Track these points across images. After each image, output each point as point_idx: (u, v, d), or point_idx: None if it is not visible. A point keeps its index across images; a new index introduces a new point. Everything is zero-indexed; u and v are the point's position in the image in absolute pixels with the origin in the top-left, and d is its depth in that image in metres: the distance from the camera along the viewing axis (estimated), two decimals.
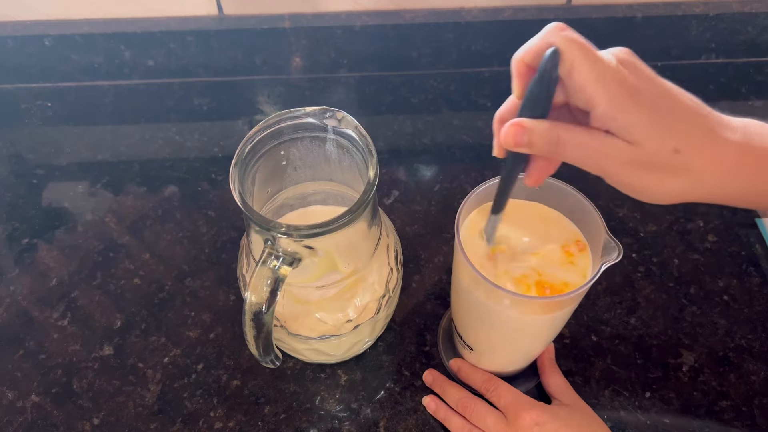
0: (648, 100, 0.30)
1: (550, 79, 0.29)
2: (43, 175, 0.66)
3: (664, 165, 0.31)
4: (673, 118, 0.30)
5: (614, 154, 0.30)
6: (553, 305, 0.39)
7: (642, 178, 0.31)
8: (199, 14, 0.72)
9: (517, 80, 0.32)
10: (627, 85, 0.30)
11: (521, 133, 0.30)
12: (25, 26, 0.71)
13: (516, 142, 0.31)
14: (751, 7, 0.72)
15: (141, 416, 0.50)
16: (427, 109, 0.72)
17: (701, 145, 0.31)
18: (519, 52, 0.31)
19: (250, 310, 0.37)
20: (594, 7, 0.72)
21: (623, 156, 0.30)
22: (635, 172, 0.31)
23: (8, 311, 0.56)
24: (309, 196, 0.48)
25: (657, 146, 0.30)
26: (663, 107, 0.30)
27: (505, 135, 0.31)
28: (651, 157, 0.30)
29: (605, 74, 0.29)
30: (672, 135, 0.30)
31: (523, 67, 0.31)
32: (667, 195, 0.32)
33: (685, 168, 0.31)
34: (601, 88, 0.29)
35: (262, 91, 0.74)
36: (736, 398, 0.50)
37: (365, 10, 0.72)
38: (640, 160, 0.30)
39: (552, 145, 0.30)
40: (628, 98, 0.29)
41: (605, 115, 0.29)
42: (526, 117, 0.31)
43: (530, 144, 0.30)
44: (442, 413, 0.48)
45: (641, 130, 0.29)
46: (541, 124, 0.30)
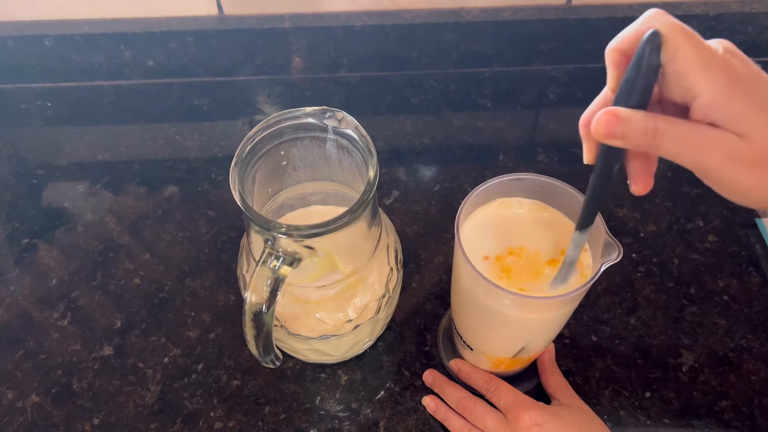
0: (758, 91, 0.27)
1: (649, 63, 0.27)
2: (43, 175, 0.66)
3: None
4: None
5: (720, 147, 0.27)
6: (553, 305, 0.39)
7: (748, 176, 0.28)
8: (199, 14, 0.72)
9: (612, 70, 0.29)
10: (735, 73, 0.27)
11: (615, 123, 0.27)
12: (25, 26, 0.71)
13: (608, 132, 0.28)
14: (751, 7, 0.72)
15: (141, 416, 0.50)
16: (427, 109, 0.72)
17: None
18: (614, 40, 0.29)
19: (250, 310, 0.37)
20: (594, 7, 0.72)
21: (730, 150, 0.27)
22: (741, 168, 0.28)
23: (8, 311, 0.56)
24: (309, 196, 0.48)
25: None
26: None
27: (597, 123, 0.28)
28: (761, 152, 0.27)
29: (712, 61, 0.27)
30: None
31: (619, 55, 0.29)
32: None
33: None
34: (707, 74, 0.27)
35: (262, 91, 0.74)
36: (736, 398, 0.50)
37: (365, 10, 0.72)
38: (748, 156, 0.27)
39: (649, 136, 0.27)
40: (735, 87, 0.27)
41: (711, 103, 0.27)
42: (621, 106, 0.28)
43: (624, 135, 0.28)
44: (441, 413, 0.48)
45: (752, 121, 0.27)
46: (637, 113, 0.27)
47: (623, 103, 0.28)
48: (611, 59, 0.29)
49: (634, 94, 0.27)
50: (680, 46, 0.27)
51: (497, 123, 0.70)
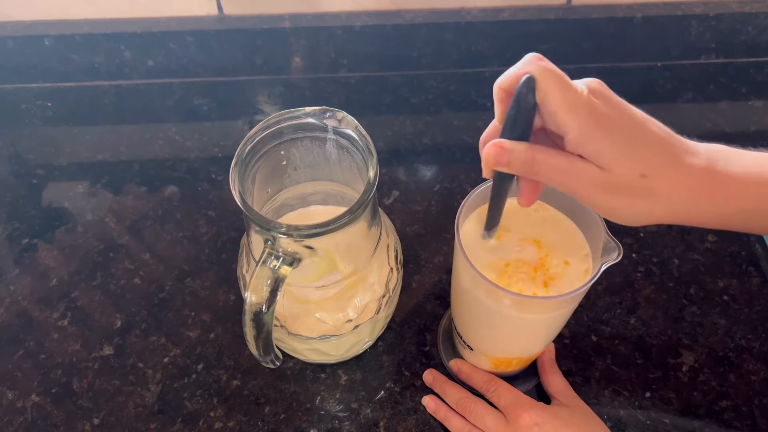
0: (616, 128, 0.32)
1: (526, 103, 0.31)
2: (43, 175, 0.66)
3: (632, 189, 0.32)
4: (640, 144, 0.32)
5: (585, 177, 0.32)
6: (553, 305, 0.39)
7: (612, 200, 0.33)
8: (199, 14, 0.72)
9: (498, 105, 0.34)
10: (597, 113, 0.31)
11: (500, 153, 0.32)
12: (25, 26, 0.71)
13: (496, 162, 0.32)
14: (751, 7, 0.72)
15: (141, 416, 0.50)
16: (427, 109, 0.72)
17: (666, 170, 0.33)
18: (498, 80, 0.33)
19: (250, 310, 0.37)
20: (594, 7, 0.72)
21: (594, 179, 0.32)
22: (606, 195, 0.32)
23: (8, 311, 0.56)
24: (309, 196, 0.48)
25: (625, 171, 0.32)
26: (631, 134, 0.32)
27: (486, 154, 0.33)
28: (619, 181, 0.32)
29: (577, 102, 0.31)
30: (639, 161, 0.32)
31: (503, 93, 0.33)
32: (637, 217, 0.34)
33: (651, 191, 0.33)
34: (573, 115, 0.31)
35: (262, 91, 0.74)
36: (736, 398, 0.50)
37: (365, 10, 0.72)
38: (609, 184, 0.32)
39: (528, 165, 0.32)
40: (597, 126, 0.31)
41: (576, 141, 0.31)
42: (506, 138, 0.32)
43: (509, 164, 0.32)
44: (441, 413, 0.48)
45: (610, 155, 0.31)
46: (519, 145, 0.32)
47: (508, 135, 0.32)
48: (497, 96, 0.33)
49: (516, 129, 0.32)
50: (550, 90, 0.31)
51: None
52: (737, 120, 0.70)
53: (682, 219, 0.35)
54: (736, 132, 0.69)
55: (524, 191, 0.36)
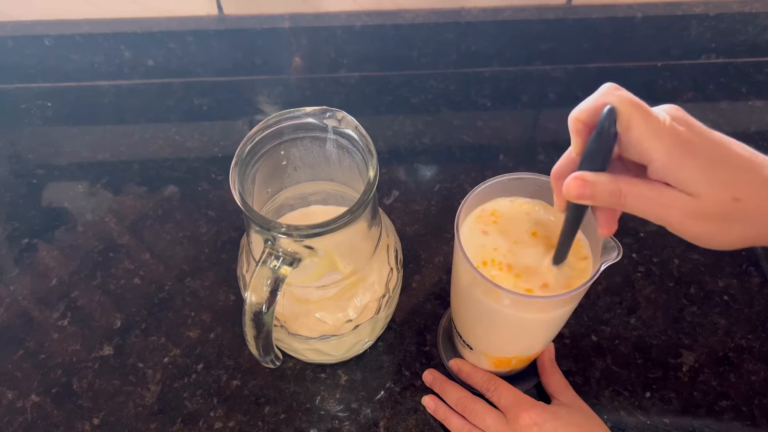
0: (703, 153, 0.31)
1: (608, 135, 0.31)
2: (43, 175, 0.66)
3: (726, 214, 0.31)
4: (729, 168, 0.31)
5: (675, 205, 0.31)
6: (553, 305, 0.39)
7: (705, 228, 0.32)
8: (199, 14, 0.72)
9: (575, 137, 0.33)
10: (682, 140, 0.31)
11: (584, 186, 0.31)
12: (25, 26, 0.71)
13: (578, 195, 0.32)
14: (751, 7, 0.72)
15: (141, 416, 0.50)
16: (427, 109, 0.72)
17: (759, 192, 0.32)
18: (575, 111, 0.32)
19: (250, 310, 0.37)
20: (594, 7, 0.72)
21: (684, 207, 0.31)
22: (698, 222, 0.32)
23: (8, 311, 0.56)
24: (309, 196, 0.48)
25: (716, 197, 0.31)
26: (718, 159, 0.31)
27: (568, 187, 0.32)
28: (712, 207, 0.31)
29: (660, 130, 0.30)
30: (730, 185, 0.31)
31: (580, 124, 0.32)
32: (732, 242, 0.33)
33: (746, 215, 0.32)
34: (658, 143, 0.30)
35: (262, 91, 0.74)
36: (736, 398, 0.50)
37: (365, 10, 0.72)
38: (701, 211, 0.31)
39: (614, 197, 0.31)
40: (683, 152, 0.30)
41: (663, 169, 0.31)
42: (586, 170, 0.32)
43: (593, 196, 0.32)
44: (441, 413, 0.48)
45: (699, 182, 0.31)
46: (602, 176, 0.31)
47: (588, 167, 0.32)
48: (574, 128, 0.33)
49: (597, 160, 0.32)
50: (632, 119, 0.30)
51: (497, 123, 0.70)
52: (737, 120, 0.70)
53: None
54: (736, 132, 0.68)
55: (603, 221, 0.35)
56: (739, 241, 0.33)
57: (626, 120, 0.30)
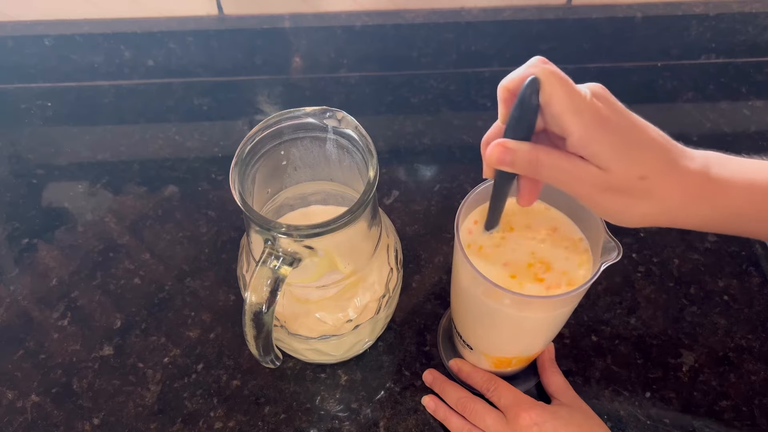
0: (618, 131, 0.32)
1: (530, 105, 0.31)
2: (43, 175, 0.66)
3: (631, 190, 0.33)
4: (640, 148, 0.33)
5: (587, 178, 0.33)
6: (552, 304, 0.39)
7: (612, 201, 0.34)
8: (199, 14, 0.72)
9: (501, 105, 0.34)
10: (600, 116, 0.32)
11: (504, 153, 0.33)
12: (25, 26, 0.71)
13: (499, 161, 0.33)
14: (751, 7, 0.72)
15: (141, 416, 0.50)
16: (427, 109, 0.72)
17: (664, 173, 0.34)
18: (503, 80, 0.34)
19: (250, 310, 0.37)
20: (594, 7, 0.72)
21: (595, 180, 0.32)
22: (606, 195, 0.33)
23: (8, 311, 0.56)
24: (309, 196, 0.48)
25: (624, 173, 0.32)
26: (631, 138, 0.33)
27: (490, 153, 0.33)
28: (619, 182, 0.33)
29: (581, 105, 0.31)
30: (638, 163, 0.33)
31: (507, 93, 0.33)
32: (636, 219, 0.35)
33: (650, 194, 0.33)
34: (576, 117, 0.31)
35: (262, 91, 0.74)
36: (736, 398, 0.50)
37: (365, 10, 0.72)
38: (610, 185, 0.33)
39: (532, 165, 0.33)
40: (599, 128, 0.32)
41: (579, 142, 0.32)
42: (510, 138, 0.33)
43: (512, 163, 0.33)
44: (441, 413, 0.48)
45: (611, 157, 0.32)
46: (522, 145, 0.33)
47: (511, 135, 0.33)
48: (501, 96, 0.34)
49: (519, 129, 0.33)
50: (554, 92, 0.31)
51: None
52: (737, 120, 0.70)
53: (678, 222, 0.36)
54: (736, 132, 0.69)
55: (524, 191, 0.36)
56: (642, 219, 0.35)
57: (548, 92, 0.31)
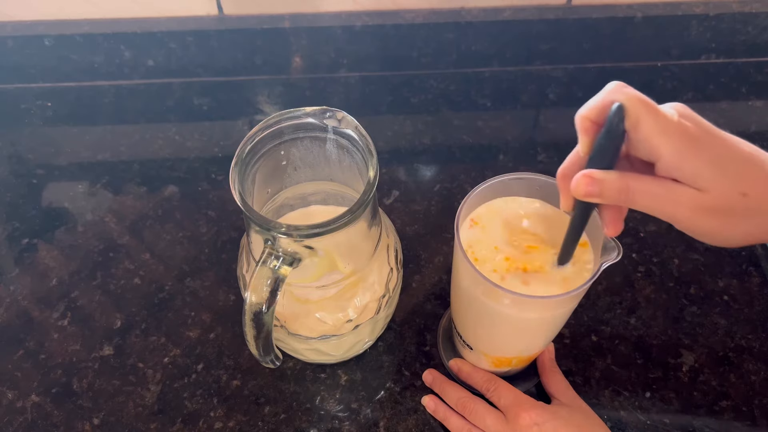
0: (711, 149, 0.31)
1: (617, 132, 0.31)
2: (43, 175, 0.66)
3: (734, 209, 0.31)
4: (736, 164, 0.32)
5: (683, 201, 0.31)
6: (552, 304, 0.39)
7: (713, 223, 0.32)
8: (199, 14, 0.72)
9: (583, 136, 0.33)
10: (689, 135, 0.31)
11: (592, 184, 0.31)
12: (25, 26, 0.71)
13: (587, 192, 0.32)
14: (751, 7, 0.72)
15: (141, 416, 0.50)
16: (427, 109, 0.72)
17: (766, 187, 0.32)
18: (583, 110, 0.33)
19: (250, 310, 0.37)
20: (594, 7, 0.72)
21: (692, 203, 0.31)
22: (706, 217, 0.32)
23: (8, 311, 0.56)
24: (309, 196, 0.48)
25: (724, 191, 0.31)
26: (725, 154, 0.32)
27: (576, 185, 0.32)
28: (720, 202, 0.31)
29: (669, 126, 0.31)
30: (737, 180, 0.31)
31: (588, 123, 0.32)
32: (739, 238, 0.33)
33: (753, 211, 0.32)
34: (666, 139, 0.30)
35: (262, 91, 0.74)
36: (736, 398, 0.50)
37: (365, 10, 0.72)
38: (709, 206, 0.31)
39: (622, 194, 0.31)
40: (691, 147, 0.31)
41: (671, 164, 0.31)
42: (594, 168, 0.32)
43: (601, 194, 0.32)
44: (441, 413, 0.48)
45: (707, 176, 0.31)
46: (610, 174, 0.31)
47: (596, 165, 0.32)
48: (581, 126, 0.33)
49: (606, 158, 0.32)
50: (641, 116, 0.31)
51: (497, 123, 0.70)
52: (737, 120, 0.70)
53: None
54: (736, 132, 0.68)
55: (610, 220, 0.35)
56: (746, 237, 0.33)
57: (635, 117, 0.30)
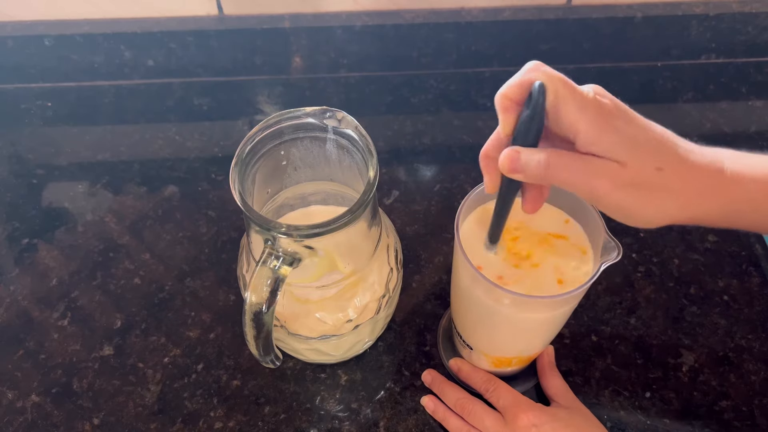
0: (626, 124, 0.32)
1: (540, 110, 0.31)
2: (43, 175, 0.66)
3: (649, 184, 0.33)
4: (650, 140, 0.33)
5: (602, 173, 0.32)
6: (552, 304, 0.39)
7: (631, 199, 0.33)
8: (199, 14, 0.72)
9: (504, 115, 0.34)
10: (606, 111, 0.32)
11: (517, 160, 0.32)
12: (25, 26, 0.71)
13: (512, 169, 0.33)
14: (751, 7, 0.72)
15: (141, 416, 0.50)
16: (427, 109, 0.72)
17: (679, 165, 0.33)
18: (503, 89, 0.33)
19: (250, 310, 0.37)
20: (594, 7, 0.72)
21: (611, 175, 0.32)
22: (623, 192, 0.32)
23: (8, 311, 0.56)
24: (309, 196, 0.48)
25: (641, 164, 0.32)
26: (640, 131, 0.33)
27: (503, 161, 0.33)
28: (636, 175, 0.32)
29: (586, 103, 0.32)
30: (653, 154, 0.32)
31: (508, 102, 0.33)
32: (654, 216, 0.34)
33: (668, 187, 0.33)
34: (583, 114, 0.31)
35: (262, 91, 0.74)
36: (736, 398, 0.50)
37: (365, 10, 0.72)
38: (627, 180, 0.32)
39: (545, 169, 0.32)
40: (608, 122, 0.32)
41: (589, 138, 0.32)
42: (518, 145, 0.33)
43: (524, 169, 0.32)
44: (440, 413, 0.48)
45: (624, 148, 0.32)
46: (534, 151, 0.32)
47: (521, 142, 0.33)
48: (501, 106, 0.33)
49: (529, 136, 0.32)
50: (559, 94, 0.31)
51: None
52: (737, 120, 0.70)
53: (694, 217, 0.35)
54: (736, 132, 0.69)
55: (530, 197, 0.36)
56: (660, 216, 0.34)
57: (553, 95, 0.31)
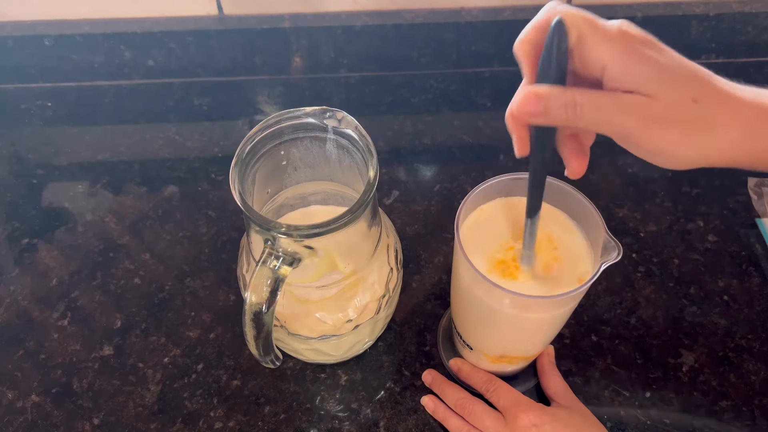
0: (657, 54, 0.29)
1: (559, 50, 0.29)
2: (43, 175, 0.66)
3: (685, 117, 0.29)
4: (684, 69, 0.30)
5: (633, 109, 0.29)
6: (552, 304, 0.39)
7: (666, 136, 0.29)
8: (199, 14, 0.72)
9: (525, 61, 0.31)
10: (634, 40, 0.29)
11: (536, 101, 0.29)
12: (25, 26, 0.71)
13: (531, 111, 0.29)
14: (751, 7, 0.72)
15: (141, 416, 0.50)
16: (427, 109, 0.72)
17: (719, 96, 0.30)
18: (521, 35, 0.31)
19: (250, 310, 0.37)
20: (594, 7, 0.72)
21: (642, 110, 0.29)
22: (657, 129, 0.29)
23: (8, 311, 0.56)
24: (309, 196, 0.48)
25: (675, 96, 0.29)
26: (672, 61, 0.30)
27: (519, 104, 0.29)
28: (671, 109, 0.29)
29: (611, 34, 0.29)
30: (687, 84, 0.29)
31: (528, 46, 0.31)
32: (691, 155, 0.30)
33: (706, 120, 0.29)
34: (610, 46, 0.29)
35: (262, 91, 0.74)
36: (736, 398, 0.50)
37: (365, 10, 0.72)
38: (660, 114, 0.29)
39: (569, 109, 0.29)
40: (636, 53, 0.29)
41: (617, 71, 0.29)
42: None
43: (546, 111, 0.29)
44: (440, 413, 0.48)
45: (656, 79, 0.29)
46: (555, 88, 0.29)
47: None
48: (521, 52, 0.31)
49: (550, 77, 0.29)
50: (582, 28, 0.29)
51: (497, 123, 0.70)
52: None
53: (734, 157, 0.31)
54: None
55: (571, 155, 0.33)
56: (696, 155, 0.30)
57: (576, 30, 0.29)
